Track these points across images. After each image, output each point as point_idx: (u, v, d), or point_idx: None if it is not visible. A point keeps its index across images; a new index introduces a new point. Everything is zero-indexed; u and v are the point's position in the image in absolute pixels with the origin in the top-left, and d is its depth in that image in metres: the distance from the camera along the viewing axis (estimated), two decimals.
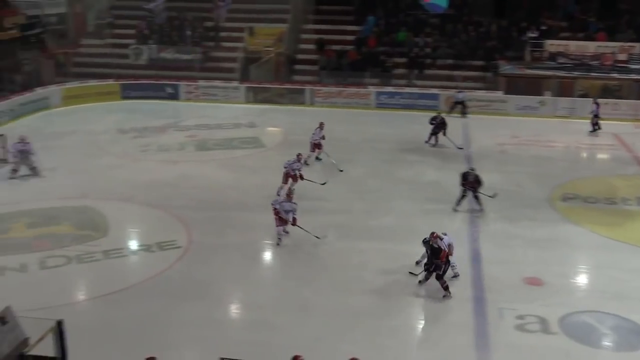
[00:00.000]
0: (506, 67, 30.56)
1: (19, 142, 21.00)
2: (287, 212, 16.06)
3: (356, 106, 30.49)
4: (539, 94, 29.50)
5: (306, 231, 16.09)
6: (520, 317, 13.15)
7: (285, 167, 19.49)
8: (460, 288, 14.33)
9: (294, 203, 16.30)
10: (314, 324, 12.99)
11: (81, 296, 14.66)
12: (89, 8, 36.01)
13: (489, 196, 18.16)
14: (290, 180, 19.34)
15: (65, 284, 14.84)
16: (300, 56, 33.65)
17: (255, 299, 14.08)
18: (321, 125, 22.62)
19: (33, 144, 21.38)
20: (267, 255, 16.12)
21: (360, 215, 18.39)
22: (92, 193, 19.78)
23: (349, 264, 15.46)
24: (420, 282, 14.24)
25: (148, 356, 9.21)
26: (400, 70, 31.75)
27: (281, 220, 16.09)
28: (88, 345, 11.47)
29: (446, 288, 13.84)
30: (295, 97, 31.12)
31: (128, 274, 15.42)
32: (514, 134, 26.40)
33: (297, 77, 32.46)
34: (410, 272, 14.63)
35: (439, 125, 24.53)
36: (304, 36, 34.34)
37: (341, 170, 21.84)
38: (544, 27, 31.96)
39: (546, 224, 17.89)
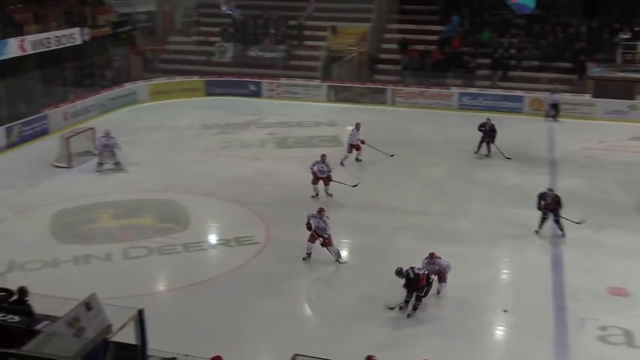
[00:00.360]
0: (595, 70, 29.55)
1: (103, 137, 21.74)
2: (322, 229, 15.34)
3: (438, 107, 30.15)
4: (630, 98, 28.38)
5: (335, 258, 15.47)
6: (603, 328, 12.71)
7: (311, 168, 19.20)
8: (541, 295, 14.00)
9: (327, 218, 15.42)
10: (389, 325, 12.93)
11: (161, 287, 15.06)
12: (177, 6, 36.92)
13: (576, 222, 16.86)
14: (320, 181, 19.13)
15: (146, 275, 15.30)
16: (382, 56, 33.51)
17: (330, 297, 14.14)
18: (357, 126, 22.38)
19: (120, 138, 22.10)
20: (343, 254, 16.13)
21: (438, 218, 18.18)
22: (175, 187, 20.28)
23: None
24: (400, 308, 13.28)
25: (214, 355, 9.34)
26: (484, 71, 31.19)
27: (313, 237, 15.38)
28: (166, 335, 11.73)
29: (415, 309, 13.12)
30: (376, 97, 31.03)
31: (207, 267, 15.74)
32: (601, 138, 25.50)
33: (378, 77, 32.34)
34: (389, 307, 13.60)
35: (487, 133, 23.12)
36: (387, 36, 34.19)
37: (392, 155, 22.12)
38: (637, 29, 30.75)
39: (633, 232, 17.21)
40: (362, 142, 22.29)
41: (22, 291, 11.00)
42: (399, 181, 20.92)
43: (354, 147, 22.38)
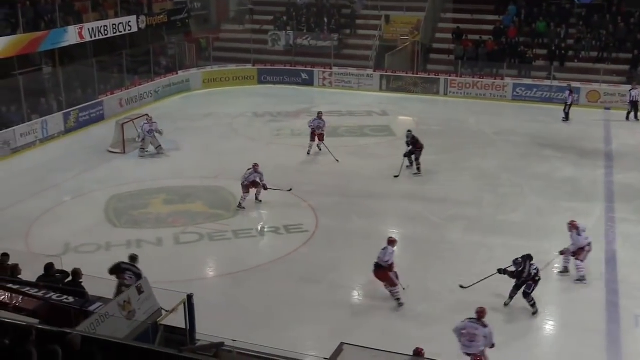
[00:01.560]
0: None
1: (146, 122, 22.12)
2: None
3: (491, 98, 29.72)
4: None
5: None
6: None
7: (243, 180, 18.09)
8: (593, 291, 13.74)
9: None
10: (436, 316, 12.86)
11: (210, 272, 15.27)
12: None
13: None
14: (251, 189, 18.14)
15: (196, 260, 15.53)
16: (436, 45, 33.17)
17: (378, 286, 14.09)
18: (319, 115, 22.18)
19: (173, 124, 22.44)
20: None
21: (490, 209, 17.99)
22: (225, 174, 20.48)
23: (475, 258, 15.16)
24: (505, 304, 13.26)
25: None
26: (540, 62, 30.60)
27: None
28: (214, 320, 11.90)
29: (533, 305, 12.95)
30: (429, 87, 30.76)
31: (255, 254, 15.88)
32: None
33: (431, 67, 32.03)
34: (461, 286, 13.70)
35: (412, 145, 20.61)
36: (441, 25, 33.81)
37: (337, 161, 21.28)
38: None
39: None
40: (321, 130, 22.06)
41: (77, 273, 11.32)
42: (450, 172, 20.73)
43: (316, 135, 22.07)
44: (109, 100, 27.12)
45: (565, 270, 14.40)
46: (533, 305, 12.93)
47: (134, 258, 12.22)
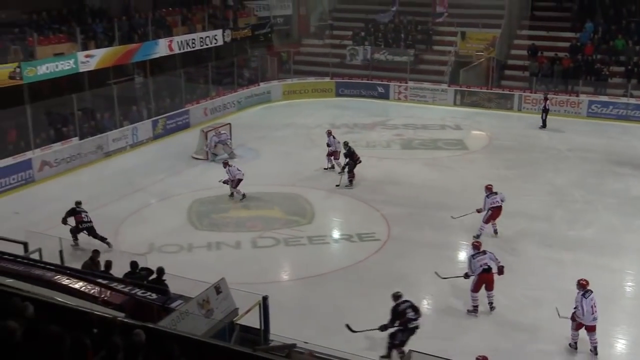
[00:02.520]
0: None
1: (214, 135, 22.91)
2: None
3: (565, 114, 28.90)
4: None
5: None
6: None
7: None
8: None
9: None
10: (503, 328, 12.59)
11: (285, 276, 15.38)
12: (312, 11, 37.49)
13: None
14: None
15: (272, 264, 15.67)
16: (510, 62, 32.56)
17: (446, 298, 13.91)
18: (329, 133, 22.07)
19: (253, 133, 22.81)
20: (462, 256, 15.83)
21: (561, 225, 17.50)
22: (302, 182, 20.63)
23: (544, 272, 14.76)
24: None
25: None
26: (617, 80, 29.60)
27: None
28: (287, 322, 11.98)
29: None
30: (502, 102, 30.21)
31: (329, 260, 15.92)
32: None
33: (505, 83, 31.45)
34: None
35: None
36: (517, 42, 33.15)
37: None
38: None
39: None
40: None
41: (160, 271, 11.61)
42: (522, 186, 20.25)
43: (333, 153, 21.60)
44: (194, 109, 27.75)
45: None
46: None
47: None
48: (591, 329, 11.64)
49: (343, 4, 38.02)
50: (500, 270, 13.01)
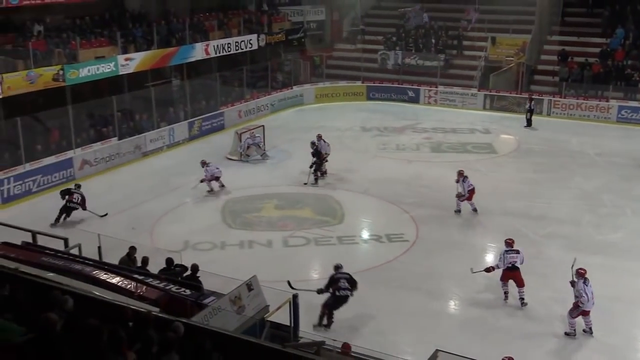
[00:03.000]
0: None
1: (249, 137, 23.16)
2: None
3: (595, 119, 28.50)
4: None
5: None
6: None
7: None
8: None
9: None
10: (528, 330, 12.47)
11: (315, 275, 15.35)
12: (344, 16, 37.49)
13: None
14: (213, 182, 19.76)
15: (302, 263, 15.72)
16: (540, 67, 32.18)
17: (473, 299, 13.81)
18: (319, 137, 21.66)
19: (286, 135, 22.96)
20: (489, 257, 15.71)
21: (588, 229, 17.26)
22: (332, 183, 20.64)
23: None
24: None
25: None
26: None
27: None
28: (316, 319, 12.04)
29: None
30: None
31: (358, 260, 15.86)
32: None
33: (535, 87, 31.09)
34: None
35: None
36: (547, 47, 32.74)
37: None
38: None
39: None
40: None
41: (194, 268, 11.74)
42: (550, 190, 20.03)
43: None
44: (229, 111, 27.95)
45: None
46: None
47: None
48: (587, 313, 12.20)
49: (375, 10, 37.96)
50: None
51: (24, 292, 7.37)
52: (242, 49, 29.75)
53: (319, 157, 20.69)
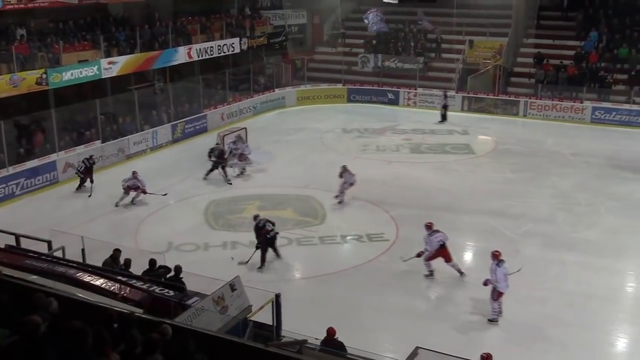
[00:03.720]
0: None
1: (231, 141, 22.50)
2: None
3: (570, 120, 28.79)
4: None
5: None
6: None
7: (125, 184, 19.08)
8: None
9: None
10: (507, 327, 12.55)
11: (297, 274, 15.41)
12: (325, 20, 37.54)
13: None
14: (132, 192, 19.10)
15: (284, 262, 15.67)
16: (517, 69, 32.44)
17: (452, 296, 13.90)
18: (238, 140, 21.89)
19: (268, 137, 22.96)
20: (468, 256, 15.82)
21: (564, 227, 17.42)
22: (314, 184, 20.66)
23: (548, 274, 14.71)
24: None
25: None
26: (620, 87, 29.42)
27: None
28: (298, 318, 11.98)
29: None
30: (508, 108, 30.12)
31: (339, 259, 15.93)
32: None
33: (512, 89, 31.35)
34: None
35: (218, 159, 21.12)
36: (523, 50, 33.02)
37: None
38: None
39: None
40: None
41: (178, 269, 11.68)
42: (527, 190, 20.21)
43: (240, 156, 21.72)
44: (212, 114, 27.87)
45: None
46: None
47: None
48: (500, 296, 12.66)
49: (355, 13, 38.03)
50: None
51: (7, 295, 7.30)
52: (225, 53, 29.68)
53: (221, 158, 21.02)
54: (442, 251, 14.38)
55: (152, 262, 12.05)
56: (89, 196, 19.57)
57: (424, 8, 34.37)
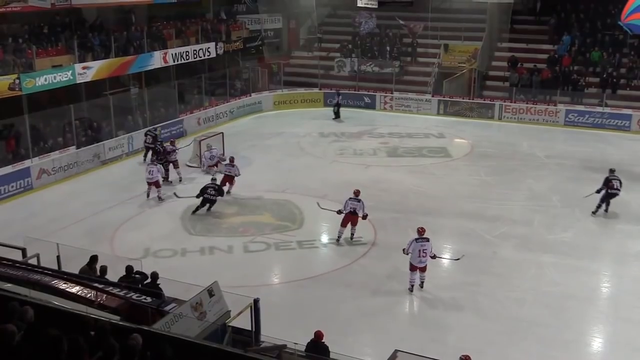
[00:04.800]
0: None
1: (207, 151, 22.32)
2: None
3: (544, 123, 29.11)
4: None
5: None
6: None
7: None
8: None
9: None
10: (486, 329, 12.62)
11: (275, 279, 15.34)
12: (301, 24, 37.56)
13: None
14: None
15: (263, 267, 15.63)
16: (492, 73, 32.73)
17: (431, 299, 13.94)
18: (231, 160, 20.67)
19: (245, 142, 22.95)
20: (445, 259, 15.90)
21: (540, 229, 17.57)
22: (292, 188, 20.63)
23: (525, 275, 14.84)
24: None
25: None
26: (593, 90, 29.83)
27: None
28: (277, 323, 11.94)
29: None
30: (484, 112, 30.38)
31: (317, 263, 15.91)
32: None
33: (487, 93, 31.62)
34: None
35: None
36: (498, 54, 33.35)
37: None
38: None
39: None
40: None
41: (155, 275, 11.57)
42: (503, 192, 20.37)
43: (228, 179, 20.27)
44: (188, 118, 27.71)
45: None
46: None
47: None
48: (423, 270, 13.89)
49: (331, 18, 38.13)
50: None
51: None
52: (201, 57, 29.53)
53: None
54: (352, 217, 16.31)
55: (129, 268, 11.91)
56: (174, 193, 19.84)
57: (399, 13, 34.55)
